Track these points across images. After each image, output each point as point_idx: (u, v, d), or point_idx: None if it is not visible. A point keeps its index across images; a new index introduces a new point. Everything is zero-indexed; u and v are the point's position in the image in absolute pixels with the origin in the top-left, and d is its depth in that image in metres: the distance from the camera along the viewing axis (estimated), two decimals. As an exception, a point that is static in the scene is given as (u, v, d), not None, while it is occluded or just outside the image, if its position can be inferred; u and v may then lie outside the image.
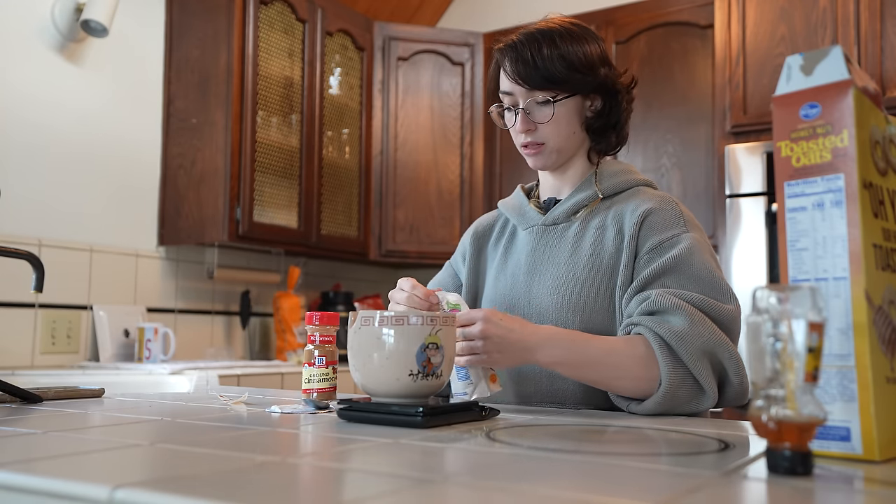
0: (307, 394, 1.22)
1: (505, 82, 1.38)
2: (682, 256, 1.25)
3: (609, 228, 1.35)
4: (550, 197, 1.46)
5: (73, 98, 2.75)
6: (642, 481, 0.67)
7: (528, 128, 1.36)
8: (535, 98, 1.35)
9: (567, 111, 1.37)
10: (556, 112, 1.35)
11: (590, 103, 1.40)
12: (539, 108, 1.36)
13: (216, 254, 3.17)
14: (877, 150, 0.77)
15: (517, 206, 1.49)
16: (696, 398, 1.18)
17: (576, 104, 1.37)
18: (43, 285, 1.38)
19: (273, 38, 3.08)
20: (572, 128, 1.38)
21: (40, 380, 2.24)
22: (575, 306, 1.30)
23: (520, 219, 1.47)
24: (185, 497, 0.58)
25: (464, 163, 3.61)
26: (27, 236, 2.58)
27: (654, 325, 1.18)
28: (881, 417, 0.72)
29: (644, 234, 1.30)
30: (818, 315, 0.67)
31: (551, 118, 1.35)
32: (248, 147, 2.93)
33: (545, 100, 1.34)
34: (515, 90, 1.36)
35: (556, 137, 1.37)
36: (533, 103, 1.35)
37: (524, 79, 1.34)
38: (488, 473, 0.72)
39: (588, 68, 1.35)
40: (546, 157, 1.39)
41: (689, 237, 1.29)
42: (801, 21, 2.78)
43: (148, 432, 0.97)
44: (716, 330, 1.19)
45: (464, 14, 4.14)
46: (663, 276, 1.25)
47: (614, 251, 1.32)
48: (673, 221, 1.31)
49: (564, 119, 1.37)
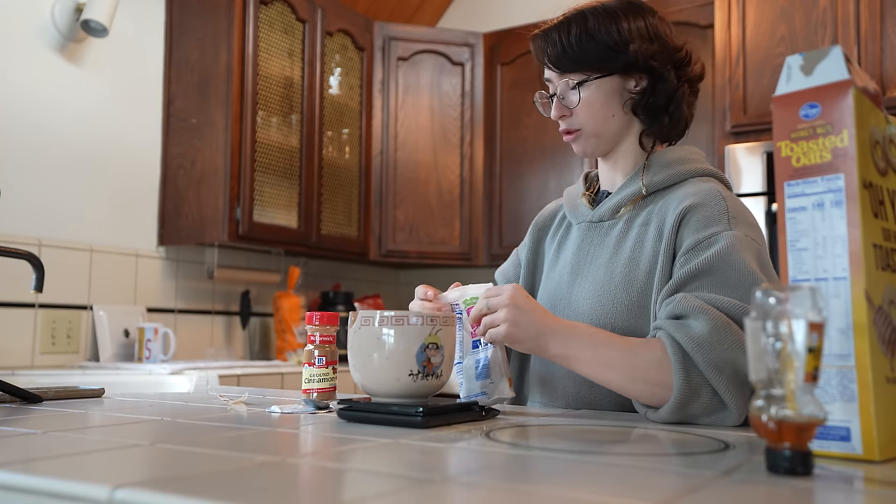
0: (307, 394, 1.22)
1: (544, 70, 1.35)
2: (718, 257, 1.14)
3: (651, 228, 1.26)
4: (604, 189, 1.39)
5: (73, 98, 2.75)
6: (642, 481, 0.67)
7: (561, 113, 1.32)
8: (567, 82, 1.31)
9: (602, 93, 1.30)
10: (588, 95, 1.29)
11: (634, 83, 1.30)
12: (570, 93, 1.31)
13: (216, 254, 3.17)
14: (877, 150, 0.77)
15: (573, 198, 1.42)
16: (715, 412, 1.07)
17: (612, 85, 1.30)
18: (43, 285, 1.38)
19: (273, 38, 3.08)
20: (610, 110, 1.31)
21: (40, 380, 2.24)
22: (608, 313, 1.24)
23: (572, 212, 1.40)
24: (185, 497, 0.58)
25: (464, 163, 3.61)
26: (27, 236, 2.58)
27: (673, 329, 1.09)
28: (881, 417, 0.72)
29: (683, 234, 1.20)
30: (818, 315, 0.67)
31: (580, 102, 1.30)
32: (248, 147, 2.93)
33: (576, 83, 1.30)
34: (551, 76, 1.33)
35: (591, 121, 1.31)
36: (566, 88, 1.31)
37: (553, 62, 1.30)
38: (488, 473, 0.72)
39: (621, 45, 1.27)
40: (585, 143, 1.33)
41: (730, 235, 1.16)
42: (801, 21, 2.78)
43: (148, 432, 0.97)
44: (742, 336, 1.05)
45: (464, 14, 4.14)
46: (697, 278, 1.14)
47: (652, 254, 1.24)
48: (715, 218, 1.19)
49: (599, 102, 1.30)
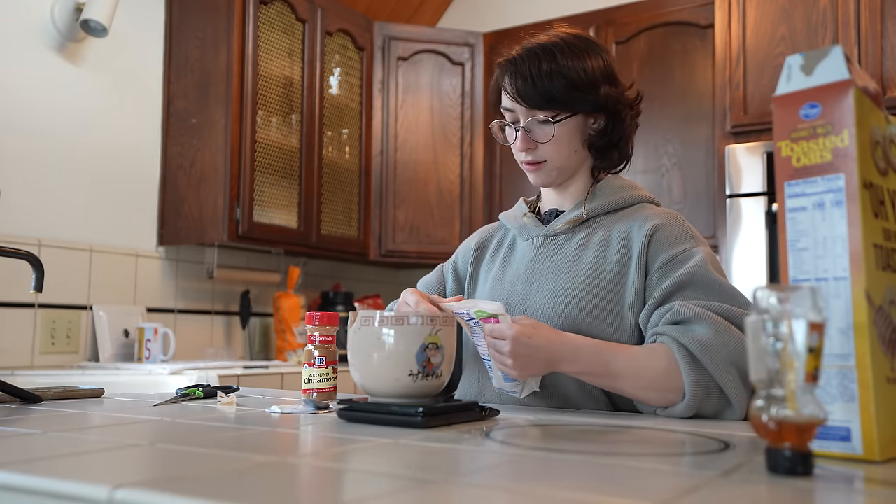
0: (307, 394, 1.22)
1: (505, 99, 1.36)
2: (697, 269, 1.24)
3: (613, 243, 1.33)
4: (552, 208, 1.45)
5: (72, 98, 2.75)
6: (642, 481, 0.67)
7: (528, 146, 1.35)
8: (535, 117, 1.33)
9: (568, 130, 1.35)
10: (557, 132, 1.34)
11: (592, 121, 1.38)
12: (539, 127, 1.34)
13: (216, 254, 3.17)
14: (877, 149, 0.77)
15: (519, 218, 1.48)
16: (722, 410, 1.16)
17: (577, 123, 1.36)
18: (43, 285, 1.38)
19: (273, 38, 3.08)
20: (573, 146, 1.37)
21: (40, 380, 2.24)
22: (573, 316, 1.29)
23: (521, 230, 1.46)
24: (185, 497, 0.58)
25: (464, 163, 3.61)
26: (27, 236, 2.58)
27: (678, 334, 1.16)
28: (881, 417, 0.72)
29: (654, 251, 1.29)
30: (818, 315, 0.67)
31: (552, 138, 1.34)
32: (248, 147, 2.93)
33: (545, 119, 1.33)
34: (516, 107, 1.35)
35: (556, 156, 1.36)
36: (534, 122, 1.34)
37: (523, 97, 1.32)
38: (488, 473, 0.72)
39: (589, 86, 1.33)
40: (546, 175, 1.38)
41: (700, 251, 1.28)
42: (801, 21, 2.78)
43: (148, 432, 0.97)
44: (742, 338, 1.15)
45: (464, 14, 4.13)
46: (682, 289, 1.23)
47: (618, 265, 1.31)
48: (682, 237, 1.31)
49: (565, 138, 1.35)
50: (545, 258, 1.38)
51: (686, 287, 1.23)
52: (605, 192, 1.40)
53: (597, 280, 1.30)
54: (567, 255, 1.36)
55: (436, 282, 1.57)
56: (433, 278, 1.58)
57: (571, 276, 1.32)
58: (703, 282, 1.23)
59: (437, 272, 1.59)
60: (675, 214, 1.36)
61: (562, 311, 1.30)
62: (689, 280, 1.23)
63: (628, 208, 1.39)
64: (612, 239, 1.34)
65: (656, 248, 1.29)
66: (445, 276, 1.57)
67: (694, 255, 1.27)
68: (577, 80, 1.32)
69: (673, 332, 1.17)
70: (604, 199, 1.39)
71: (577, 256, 1.35)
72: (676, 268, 1.26)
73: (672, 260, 1.27)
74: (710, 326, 1.15)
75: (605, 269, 1.31)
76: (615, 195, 1.40)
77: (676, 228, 1.32)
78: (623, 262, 1.31)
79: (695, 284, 1.23)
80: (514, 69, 1.34)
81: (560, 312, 1.30)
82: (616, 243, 1.33)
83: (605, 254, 1.33)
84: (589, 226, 1.38)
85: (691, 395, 1.13)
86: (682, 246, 1.29)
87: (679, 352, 1.15)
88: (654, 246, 1.30)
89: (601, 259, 1.32)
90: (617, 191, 1.41)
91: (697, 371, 1.14)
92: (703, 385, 1.14)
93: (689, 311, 1.18)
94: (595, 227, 1.38)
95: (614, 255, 1.32)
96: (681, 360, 1.14)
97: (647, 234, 1.30)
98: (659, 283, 1.26)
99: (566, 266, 1.35)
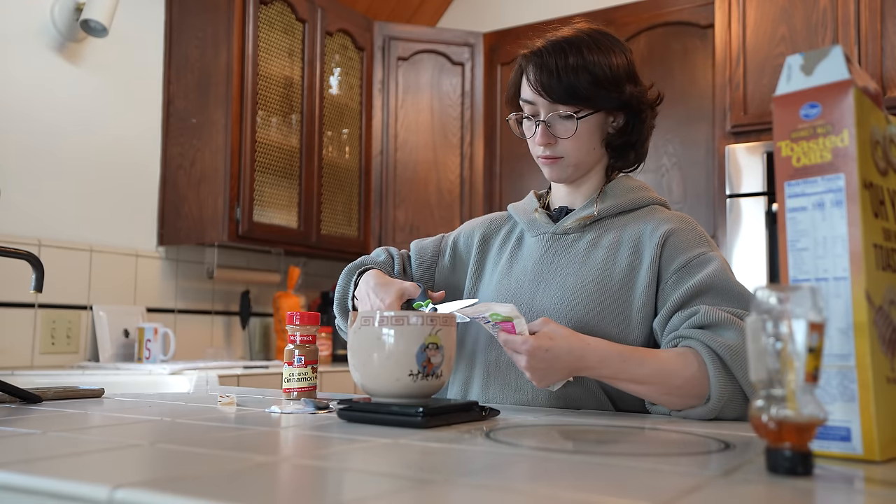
0: (287, 393, 1.25)
1: (527, 91, 1.34)
2: (716, 275, 1.23)
3: (624, 245, 1.32)
4: (562, 206, 1.43)
5: (72, 98, 2.75)
6: (642, 481, 0.67)
7: (548, 141, 1.34)
8: (557, 111, 1.32)
9: (589, 127, 1.34)
10: (579, 128, 1.32)
11: (612, 119, 1.37)
12: (561, 122, 1.32)
13: (216, 254, 3.17)
14: (877, 149, 0.77)
15: (529, 212, 1.46)
16: (742, 417, 1.16)
17: (598, 120, 1.34)
18: (42, 285, 1.38)
19: (273, 38, 3.08)
20: (592, 144, 1.35)
21: (40, 380, 2.24)
22: (580, 317, 1.28)
23: (530, 224, 1.44)
24: (185, 497, 0.58)
25: (464, 163, 3.61)
26: (27, 236, 2.58)
27: (707, 338, 1.15)
28: (881, 417, 0.72)
29: (668, 256, 1.28)
30: (818, 315, 0.67)
31: (573, 134, 1.32)
32: (248, 147, 2.93)
33: (568, 114, 1.31)
34: (538, 101, 1.33)
35: (575, 153, 1.34)
36: (555, 116, 1.32)
37: (547, 90, 1.30)
38: (488, 473, 0.72)
39: (614, 84, 1.31)
40: (563, 170, 1.37)
41: (716, 256, 1.27)
42: (801, 21, 2.78)
43: (148, 432, 0.97)
44: None
45: (464, 14, 4.13)
46: (701, 294, 1.22)
47: (627, 268, 1.30)
48: (696, 241, 1.30)
49: (586, 135, 1.34)
50: (554, 257, 1.37)
51: (706, 292, 1.22)
52: (617, 193, 1.39)
53: (605, 282, 1.29)
54: (576, 255, 1.35)
55: (432, 251, 1.53)
56: (430, 246, 1.54)
57: (580, 278, 1.31)
58: (722, 287, 1.22)
59: (437, 241, 1.55)
60: (687, 218, 1.35)
61: (569, 312, 1.29)
62: (708, 285, 1.22)
63: (639, 210, 1.38)
64: (623, 241, 1.33)
65: (670, 252, 1.28)
66: (444, 249, 1.53)
67: (711, 260, 1.26)
68: (602, 77, 1.30)
69: (702, 336, 1.16)
70: (615, 200, 1.38)
71: (587, 257, 1.34)
72: (693, 272, 1.25)
73: (688, 264, 1.26)
74: (738, 332, 1.15)
75: (614, 271, 1.30)
76: (626, 196, 1.39)
77: (690, 233, 1.31)
78: (633, 265, 1.30)
79: (714, 290, 1.22)
80: (539, 61, 1.31)
81: (567, 313, 1.29)
82: (626, 246, 1.32)
83: (614, 256, 1.32)
84: (599, 226, 1.37)
85: (717, 400, 1.13)
86: (697, 250, 1.28)
87: (709, 356, 1.14)
88: (668, 251, 1.29)
89: (611, 261, 1.31)
90: (628, 191, 1.40)
91: (726, 376, 1.13)
92: (730, 391, 1.13)
93: (717, 315, 1.17)
94: (605, 228, 1.36)
95: (624, 258, 1.31)
96: (710, 364, 1.13)
97: (660, 239, 1.29)
98: (675, 288, 1.25)
99: (575, 266, 1.34)
